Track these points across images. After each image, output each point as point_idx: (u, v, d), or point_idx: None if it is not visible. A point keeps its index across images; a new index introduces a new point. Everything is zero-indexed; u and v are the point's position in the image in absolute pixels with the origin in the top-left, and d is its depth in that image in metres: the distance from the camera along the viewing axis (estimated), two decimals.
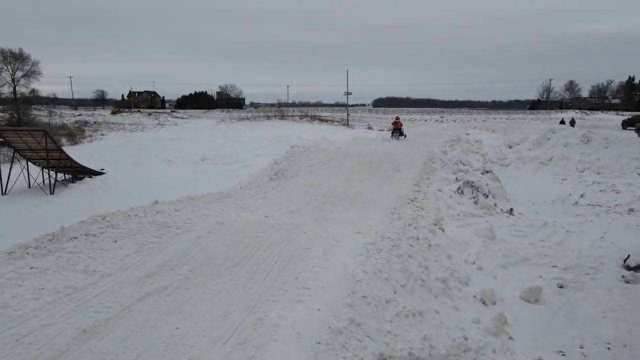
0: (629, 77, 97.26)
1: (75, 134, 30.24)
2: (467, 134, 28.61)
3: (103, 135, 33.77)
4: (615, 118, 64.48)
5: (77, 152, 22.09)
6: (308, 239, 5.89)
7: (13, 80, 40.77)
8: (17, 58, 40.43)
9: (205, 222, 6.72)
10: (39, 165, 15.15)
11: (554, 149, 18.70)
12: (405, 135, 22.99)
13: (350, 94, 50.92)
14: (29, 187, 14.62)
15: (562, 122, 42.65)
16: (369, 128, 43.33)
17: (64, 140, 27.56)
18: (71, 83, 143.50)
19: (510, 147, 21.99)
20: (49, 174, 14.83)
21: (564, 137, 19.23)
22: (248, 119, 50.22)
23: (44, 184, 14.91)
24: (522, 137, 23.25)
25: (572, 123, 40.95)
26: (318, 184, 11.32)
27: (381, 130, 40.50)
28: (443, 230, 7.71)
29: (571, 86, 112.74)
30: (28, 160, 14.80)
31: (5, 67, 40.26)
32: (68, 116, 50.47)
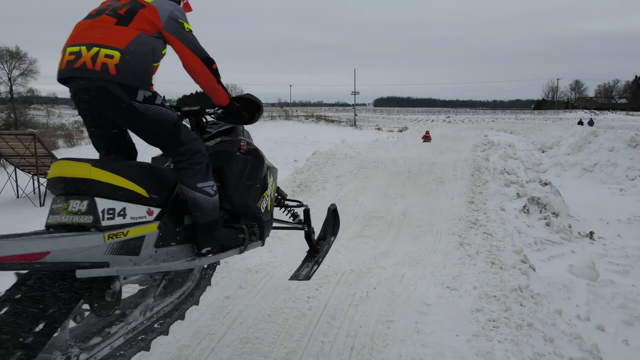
0: (636, 76, 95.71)
1: (73, 135, 28.82)
2: (485, 136, 26.87)
3: None
4: (628, 118, 62.67)
5: (75, 155, 20.31)
6: (383, 301, 4.13)
7: (10, 79, 39.15)
8: (13, 56, 38.86)
9: (229, 268, 4.98)
10: (28, 173, 13.63)
11: (597, 154, 16.94)
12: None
13: (358, 93, 49.36)
14: (17, 197, 13.05)
15: (581, 122, 41.25)
16: (378, 129, 41.64)
17: (61, 142, 26.03)
18: None
19: (544, 152, 20.26)
20: (38, 182, 13.25)
21: (607, 140, 17.44)
22: None
23: (34, 193, 13.29)
24: (554, 140, 21.48)
25: (591, 123, 39.86)
26: (352, 199, 9.59)
27: (391, 131, 38.71)
28: (534, 270, 5.98)
29: (577, 86, 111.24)
30: (16, 167, 13.30)
31: (2, 66, 38.71)
32: (67, 116, 48.73)
